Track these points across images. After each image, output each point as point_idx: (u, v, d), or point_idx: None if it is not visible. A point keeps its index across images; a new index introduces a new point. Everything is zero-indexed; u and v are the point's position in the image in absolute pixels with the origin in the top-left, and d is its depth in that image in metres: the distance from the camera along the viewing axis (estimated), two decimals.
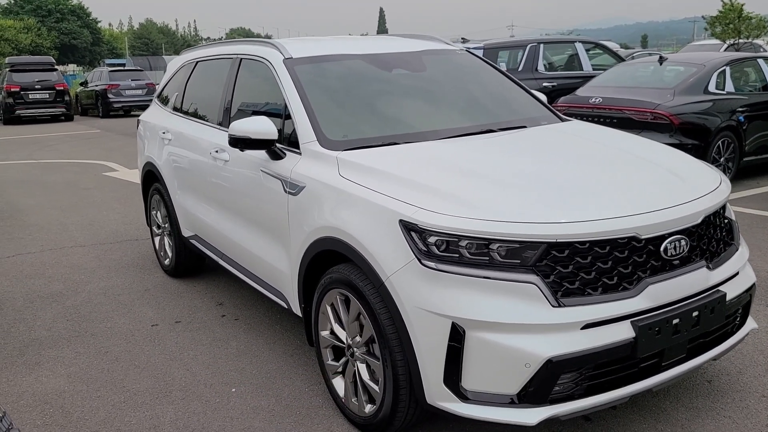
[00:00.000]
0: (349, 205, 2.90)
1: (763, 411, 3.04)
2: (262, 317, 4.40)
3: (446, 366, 2.51)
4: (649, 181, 2.89)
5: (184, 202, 4.73)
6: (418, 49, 4.16)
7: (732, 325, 2.98)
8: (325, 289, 3.06)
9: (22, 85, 20.79)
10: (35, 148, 14.32)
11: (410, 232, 2.58)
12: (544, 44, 10.56)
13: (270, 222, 3.53)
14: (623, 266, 2.54)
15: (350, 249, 2.82)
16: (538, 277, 2.45)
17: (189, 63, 5.04)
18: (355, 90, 3.75)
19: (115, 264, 5.70)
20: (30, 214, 7.76)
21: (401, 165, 2.99)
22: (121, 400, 3.40)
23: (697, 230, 2.73)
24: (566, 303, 2.45)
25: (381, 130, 3.42)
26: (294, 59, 3.74)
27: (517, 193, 2.68)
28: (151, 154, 5.21)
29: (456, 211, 2.54)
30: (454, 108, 3.82)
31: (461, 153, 3.17)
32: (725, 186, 3.02)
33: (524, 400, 2.47)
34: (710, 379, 3.34)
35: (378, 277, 2.66)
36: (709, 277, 2.74)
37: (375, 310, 2.70)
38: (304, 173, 3.22)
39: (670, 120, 7.24)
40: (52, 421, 3.23)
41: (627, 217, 2.54)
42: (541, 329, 2.42)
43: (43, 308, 4.72)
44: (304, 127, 3.35)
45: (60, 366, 3.81)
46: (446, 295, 2.49)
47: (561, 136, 3.52)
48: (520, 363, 2.42)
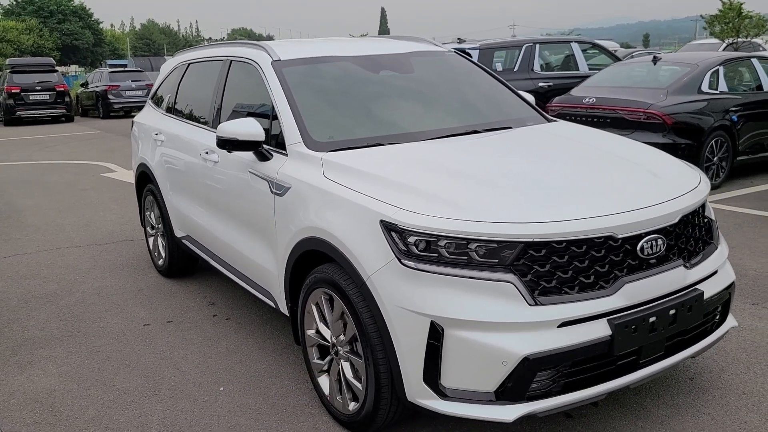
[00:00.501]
0: (333, 205, 2.94)
1: (743, 408, 3.08)
2: (253, 317, 4.44)
3: (425, 364, 2.55)
4: (628, 181, 2.93)
5: (177, 202, 4.77)
6: (406, 50, 4.20)
7: (711, 323, 3.01)
8: (310, 288, 3.10)
9: (22, 87, 20.86)
10: (35, 149, 14.39)
11: (390, 232, 2.62)
12: (539, 44, 10.59)
13: (258, 222, 3.58)
14: (600, 265, 2.58)
15: (333, 249, 2.86)
16: (515, 276, 2.48)
17: (181, 65, 5.09)
18: (342, 91, 3.79)
19: (109, 264, 5.74)
20: (28, 214, 7.81)
21: (384, 166, 3.03)
22: (110, 398, 3.45)
23: (675, 229, 2.77)
24: (543, 301, 2.49)
25: (366, 131, 3.47)
26: (282, 61, 3.78)
27: (497, 194, 2.72)
28: (145, 155, 5.26)
29: (435, 212, 2.58)
30: (440, 109, 3.87)
31: (444, 154, 3.22)
32: (704, 185, 3.05)
33: (502, 397, 2.51)
34: (692, 376, 3.38)
35: (360, 276, 2.71)
36: (687, 276, 2.77)
37: (357, 309, 2.74)
38: (290, 174, 3.26)
39: (662, 120, 7.27)
40: (41, 419, 3.27)
41: (603, 216, 2.58)
42: (518, 327, 2.46)
43: (37, 308, 4.77)
44: (290, 129, 3.40)
45: (52, 365, 3.86)
46: (425, 294, 2.53)
47: (545, 136, 3.56)
48: (498, 361, 2.46)
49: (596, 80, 8.74)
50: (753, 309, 4.19)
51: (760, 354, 3.59)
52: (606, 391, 2.61)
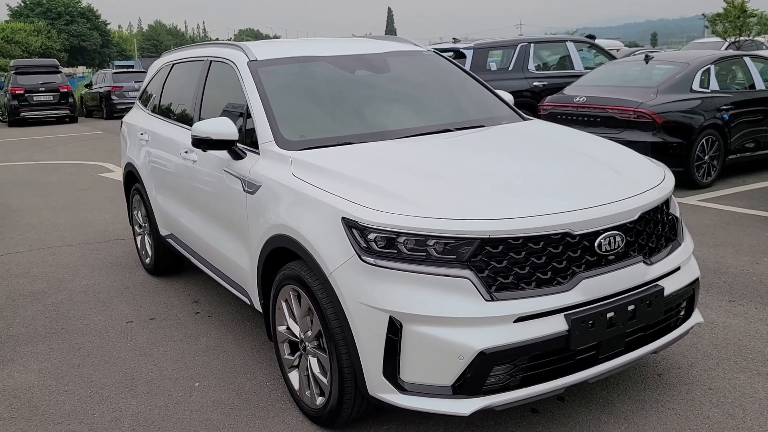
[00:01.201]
0: (299, 203, 2.99)
1: (707, 403, 3.10)
2: (235, 314, 4.49)
3: (385, 359, 2.59)
4: (588, 178, 2.96)
5: (161, 201, 4.83)
6: (383, 50, 4.24)
7: (675, 319, 3.04)
8: (280, 285, 3.15)
9: (26, 88, 21.03)
10: (36, 150, 14.51)
11: (352, 229, 2.66)
12: (534, 44, 10.61)
13: (232, 220, 3.63)
14: (557, 261, 2.62)
15: (299, 246, 2.91)
16: (471, 272, 2.52)
17: (166, 65, 5.15)
18: (316, 91, 3.84)
19: (99, 263, 5.81)
20: (24, 214, 7.90)
21: (351, 164, 3.07)
22: (87, 394, 3.50)
23: (635, 226, 2.80)
24: (499, 297, 2.53)
25: (338, 130, 3.51)
26: (258, 61, 3.83)
27: (457, 191, 2.76)
28: (131, 154, 5.32)
29: (395, 209, 2.62)
30: (413, 108, 3.91)
31: (411, 152, 3.26)
32: (668, 182, 3.08)
33: (459, 391, 2.54)
34: (660, 372, 3.41)
35: (323, 272, 2.75)
36: (647, 272, 2.80)
37: (321, 305, 2.79)
38: (261, 173, 3.31)
39: (652, 119, 7.28)
40: (18, 414, 3.33)
41: (560, 213, 2.61)
42: (474, 322, 2.50)
43: (24, 306, 4.84)
44: (262, 128, 3.45)
45: (33, 362, 3.92)
46: (384, 289, 2.57)
47: (515, 135, 3.60)
48: (454, 355, 2.49)
49: (588, 79, 8.75)
50: (728, 306, 4.21)
51: (730, 350, 3.61)
52: (564, 386, 2.65)
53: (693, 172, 7.55)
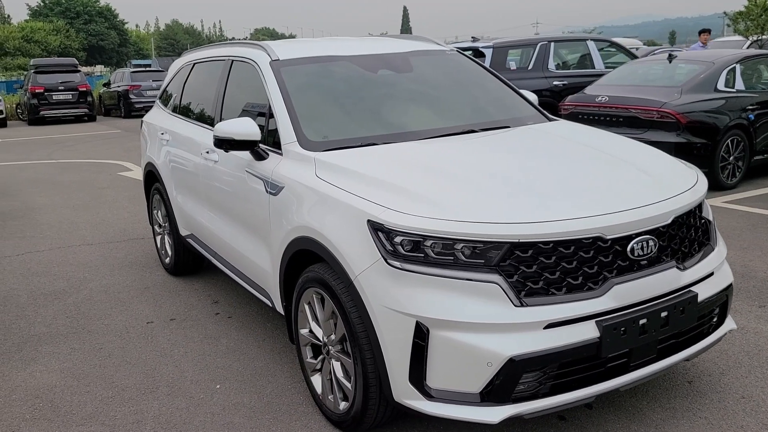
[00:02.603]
0: (323, 205, 2.94)
1: (741, 412, 3.02)
2: (255, 315, 4.46)
3: (411, 364, 2.54)
4: (620, 181, 2.89)
5: (181, 201, 4.81)
6: (406, 50, 4.19)
7: (708, 326, 2.96)
8: (303, 288, 3.11)
9: (46, 87, 21.20)
10: (55, 148, 14.61)
11: (377, 232, 2.61)
12: (554, 43, 10.49)
13: (254, 221, 3.59)
14: (588, 266, 2.55)
15: (323, 248, 2.86)
16: (500, 277, 2.47)
17: (187, 65, 5.13)
18: (339, 91, 3.79)
19: (119, 262, 5.81)
20: (43, 213, 7.93)
21: (375, 166, 3.02)
22: (108, 395, 3.49)
23: (668, 230, 2.73)
24: (529, 302, 2.47)
25: (361, 131, 3.46)
26: (281, 61, 3.79)
27: (485, 194, 2.70)
28: (152, 154, 5.31)
29: (422, 212, 2.57)
30: (437, 108, 3.85)
31: (436, 153, 3.20)
32: (701, 185, 3.00)
33: (487, 398, 2.49)
34: (691, 379, 3.33)
35: (347, 276, 2.71)
36: (680, 278, 2.73)
37: (346, 309, 2.74)
38: (284, 174, 3.27)
39: (676, 119, 7.17)
40: (40, 415, 3.32)
41: (591, 217, 2.54)
42: (504, 328, 2.44)
43: (45, 305, 4.84)
44: (285, 129, 3.41)
45: (55, 362, 3.91)
46: (411, 294, 2.52)
47: (541, 136, 3.53)
48: (483, 362, 2.44)
49: (610, 79, 8.64)
50: (759, 311, 4.11)
51: (762, 357, 3.52)
52: (594, 394, 2.58)
53: (718, 173, 7.43)
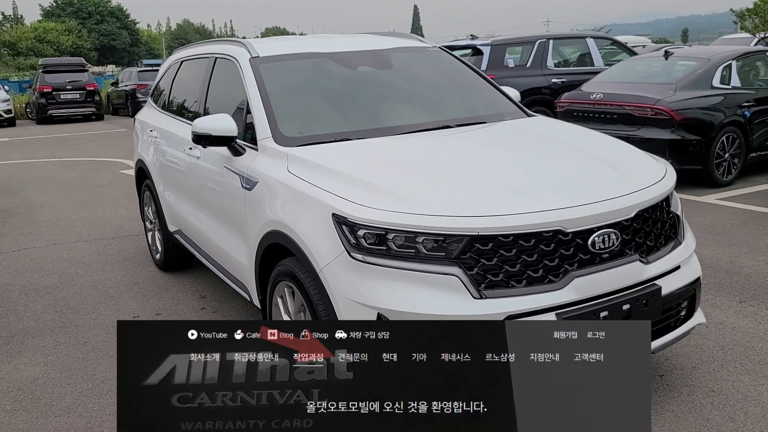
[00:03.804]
0: (292, 199, 2.99)
1: (708, 405, 3.04)
2: (240, 309, 4.51)
3: None
4: (585, 175, 2.91)
5: (168, 197, 4.88)
6: (387, 46, 4.22)
7: (675, 319, 2.98)
8: (275, 281, 3.16)
9: (53, 86, 21.36)
10: (60, 147, 14.75)
11: (341, 226, 2.65)
12: (553, 40, 10.48)
13: (232, 216, 3.64)
14: (549, 259, 2.58)
15: (292, 243, 2.91)
16: (460, 270, 2.50)
17: (176, 62, 5.19)
18: (317, 87, 3.84)
19: (112, 258, 5.88)
20: (43, 210, 8.03)
21: (345, 161, 3.06)
22: (88, 387, 3.55)
23: (632, 224, 2.75)
24: (489, 295, 2.50)
25: (336, 126, 3.51)
26: (260, 58, 3.84)
27: (449, 188, 2.73)
28: (142, 151, 5.38)
29: (385, 205, 2.61)
30: (414, 104, 3.88)
31: (407, 149, 3.24)
32: (668, 180, 3.02)
33: None
34: (663, 373, 3.34)
35: (313, 269, 2.75)
36: (643, 271, 2.75)
37: (313, 301, 2.79)
38: (258, 169, 3.31)
39: (670, 116, 7.16)
40: (20, 406, 3.39)
41: (551, 211, 2.57)
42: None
43: (36, 300, 4.91)
44: (261, 124, 3.45)
45: (39, 355, 3.98)
46: (372, 286, 2.56)
47: (514, 132, 3.56)
48: None
49: (606, 76, 8.63)
50: (739, 306, 4.12)
51: (736, 352, 3.53)
52: None
53: (712, 170, 7.40)
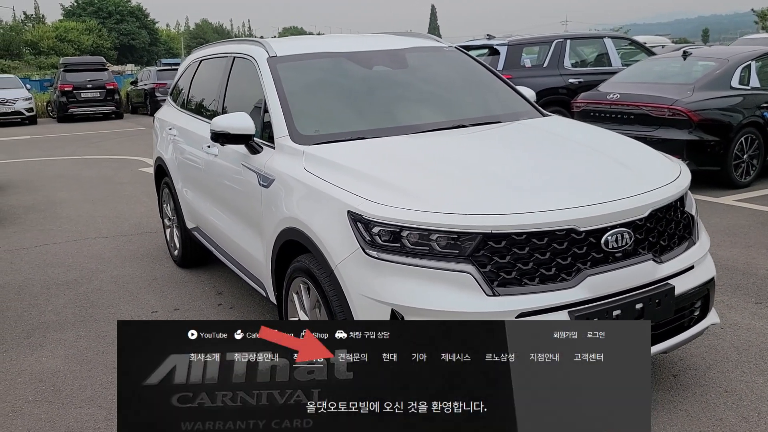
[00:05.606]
0: (309, 197, 3.03)
1: (722, 405, 3.04)
2: (256, 306, 4.57)
3: None
4: (599, 174, 2.93)
5: (186, 195, 4.95)
6: (403, 46, 4.26)
7: (689, 319, 2.99)
8: (291, 277, 3.20)
9: (74, 85, 21.65)
10: (80, 145, 14.95)
11: (356, 223, 2.69)
12: (570, 40, 10.44)
13: (249, 213, 3.70)
14: (562, 257, 2.60)
15: (308, 239, 2.95)
16: (473, 267, 2.53)
17: (194, 62, 5.26)
18: (333, 86, 3.88)
19: (131, 254, 5.97)
20: (64, 207, 8.16)
21: (360, 159, 3.11)
22: (108, 380, 3.62)
23: (645, 223, 2.76)
24: (501, 292, 2.53)
25: (352, 125, 3.55)
26: (278, 57, 3.89)
27: (463, 186, 2.77)
28: (161, 149, 5.46)
29: (400, 203, 2.64)
30: (429, 104, 3.91)
31: (421, 147, 3.27)
32: (683, 180, 3.02)
33: None
34: (676, 373, 3.35)
35: (329, 265, 2.79)
36: (657, 270, 2.76)
37: (328, 298, 2.83)
38: (275, 167, 3.36)
39: (688, 116, 7.12)
40: (42, 397, 3.46)
41: (564, 210, 2.59)
42: (475, 317, 2.50)
43: (57, 295, 5.01)
44: (278, 123, 3.50)
45: (60, 348, 4.06)
46: (387, 283, 2.60)
47: (528, 131, 3.58)
48: None
49: (623, 76, 8.60)
50: (755, 308, 4.10)
51: (751, 353, 3.53)
52: None
53: (731, 171, 7.35)
